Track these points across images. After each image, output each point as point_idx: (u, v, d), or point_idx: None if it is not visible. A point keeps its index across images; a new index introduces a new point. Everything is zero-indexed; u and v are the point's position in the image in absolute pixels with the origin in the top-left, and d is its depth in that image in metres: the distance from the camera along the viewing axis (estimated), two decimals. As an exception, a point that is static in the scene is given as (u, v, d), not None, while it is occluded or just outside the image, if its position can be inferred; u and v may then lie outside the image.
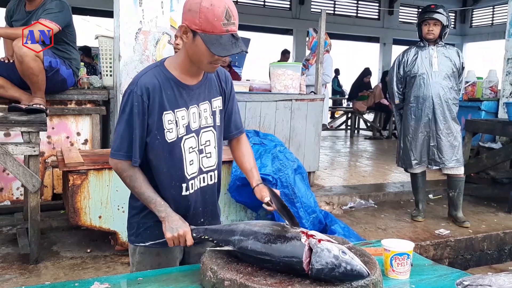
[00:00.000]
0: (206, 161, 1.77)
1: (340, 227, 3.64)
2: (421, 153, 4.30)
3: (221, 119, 1.83)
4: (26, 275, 3.05)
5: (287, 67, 5.17)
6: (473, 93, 6.96)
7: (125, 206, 3.29)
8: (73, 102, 4.25)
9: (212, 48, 1.54)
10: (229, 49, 1.55)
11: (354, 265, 1.36)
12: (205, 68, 1.68)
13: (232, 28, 1.56)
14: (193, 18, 1.55)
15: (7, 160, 3.04)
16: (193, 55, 1.63)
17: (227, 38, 1.55)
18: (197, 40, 1.57)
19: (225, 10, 1.53)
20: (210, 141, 1.77)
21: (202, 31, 1.55)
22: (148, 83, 1.64)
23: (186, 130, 1.70)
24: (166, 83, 1.67)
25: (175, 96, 1.68)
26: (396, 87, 4.39)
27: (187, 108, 1.70)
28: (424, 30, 4.20)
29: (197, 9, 1.53)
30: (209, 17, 1.52)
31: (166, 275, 1.65)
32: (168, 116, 1.67)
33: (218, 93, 1.81)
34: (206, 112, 1.75)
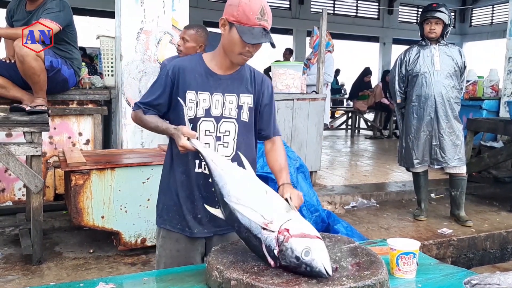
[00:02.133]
0: (222, 149, 1.88)
1: (343, 227, 3.64)
2: (423, 152, 4.30)
3: (250, 116, 1.92)
4: (29, 275, 3.04)
5: (289, 66, 5.17)
6: (474, 92, 6.96)
7: (128, 206, 3.31)
8: (75, 102, 4.25)
9: (244, 36, 1.73)
10: (258, 38, 1.75)
11: (314, 267, 1.41)
12: (235, 59, 1.83)
13: (265, 23, 1.76)
14: (232, 11, 1.76)
15: (10, 161, 3.03)
16: (227, 45, 1.81)
17: (258, 30, 1.75)
18: (232, 30, 1.77)
19: (261, 7, 1.74)
20: (229, 132, 1.89)
21: (238, 22, 1.75)
22: (179, 64, 1.89)
23: (205, 113, 1.86)
24: (197, 68, 1.88)
25: (201, 80, 1.86)
26: (398, 86, 4.38)
27: (210, 93, 1.86)
28: (426, 29, 4.20)
29: (237, 4, 1.74)
30: (246, 10, 1.73)
31: (172, 275, 1.65)
32: (190, 95, 1.85)
33: (249, 91, 1.92)
34: (231, 104, 1.88)
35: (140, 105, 1.93)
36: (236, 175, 1.67)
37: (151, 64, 4.17)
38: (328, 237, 1.80)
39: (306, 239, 1.45)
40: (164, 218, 1.98)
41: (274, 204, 1.60)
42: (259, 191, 1.63)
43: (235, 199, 1.59)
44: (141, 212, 3.35)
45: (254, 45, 1.79)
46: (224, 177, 1.65)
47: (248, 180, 1.67)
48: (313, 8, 14.95)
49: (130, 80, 4.14)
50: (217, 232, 1.95)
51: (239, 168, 1.73)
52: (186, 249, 1.94)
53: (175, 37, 4.08)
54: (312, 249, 1.42)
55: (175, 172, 1.93)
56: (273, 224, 1.50)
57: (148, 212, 3.37)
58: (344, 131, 12.07)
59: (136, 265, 3.27)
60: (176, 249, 1.96)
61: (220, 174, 1.66)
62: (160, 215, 2.00)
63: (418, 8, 16.45)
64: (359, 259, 1.57)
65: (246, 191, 1.61)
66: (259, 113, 1.97)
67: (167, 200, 1.97)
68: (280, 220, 1.51)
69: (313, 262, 1.41)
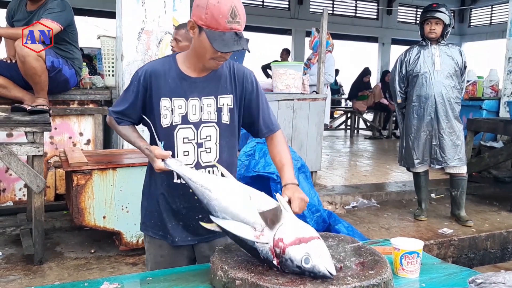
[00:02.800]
0: (205, 155, 1.78)
1: (344, 227, 3.64)
2: (423, 152, 4.30)
3: (231, 118, 1.81)
4: (30, 275, 3.04)
5: (289, 66, 5.17)
6: (474, 92, 6.97)
7: (129, 206, 3.31)
8: (76, 102, 4.25)
9: (215, 43, 1.59)
10: (230, 46, 1.60)
11: (316, 272, 1.37)
12: (208, 64, 1.71)
13: (237, 26, 1.60)
14: (200, 14, 1.60)
15: (12, 161, 3.03)
16: (197, 50, 1.68)
17: (230, 36, 1.60)
18: (202, 35, 1.62)
19: (231, 8, 1.58)
20: (211, 137, 1.78)
21: (207, 27, 1.60)
22: (151, 69, 1.76)
23: (182, 120, 1.75)
24: (171, 72, 1.75)
25: (175, 86, 1.74)
26: (399, 86, 4.38)
27: (186, 98, 1.74)
28: (426, 29, 4.20)
29: (204, 5, 1.59)
30: (215, 14, 1.57)
31: (176, 275, 1.65)
32: (164, 102, 1.74)
33: (229, 91, 1.79)
34: (210, 107, 1.76)
35: (112, 114, 1.83)
36: (217, 188, 1.59)
37: (167, 55, 4.16)
38: (332, 236, 1.80)
39: (302, 245, 1.40)
40: (146, 224, 1.91)
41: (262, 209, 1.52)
42: (243, 198, 1.55)
43: (221, 214, 1.54)
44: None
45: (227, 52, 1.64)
46: (206, 193, 1.58)
47: (229, 189, 1.59)
48: (312, 8, 14.96)
49: (131, 80, 4.14)
50: (202, 240, 1.87)
51: (218, 180, 1.66)
52: (170, 255, 1.88)
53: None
54: (311, 255, 1.38)
55: (156, 180, 1.85)
56: (264, 236, 1.44)
57: (150, 212, 3.37)
58: (343, 131, 12.08)
59: (137, 265, 3.27)
60: (159, 255, 1.90)
61: (202, 192, 1.59)
62: (143, 221, 1.93)
63: (417, 8, 16.47)
64: (363, 258, 1.56)
65: (230, 202, 1.53)
66: (246, 111, 1.84)
67: (149, 207, 1.89)
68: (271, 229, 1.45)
69: (315, 268, 1.37)
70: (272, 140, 1.89)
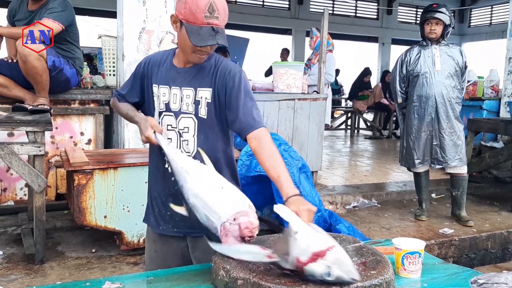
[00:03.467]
0: (185, 146, 1.81)
1: (345, 227, 3.64)
2: (424, 152, 4.30)
3: (209, 112, 1.77)
4: (31, 275, 3.04)
5: (290, 66, 5.17)
6: (474, 93, 6.98)
7: (130, 206, 3.31)
8: (77, 102, 4.25)
9: (191, 37, 1.63)
10: (205, 40, 1.63)
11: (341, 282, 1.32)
12: (190, 58, 1.75)
13: (214, 21, 1.63)
14: (180, 8, 1.66)
15: (13, 160, 3.03)
16: (180, 43, 1.75)
17: (206, 30, 1.63)
18: (182, 29, 1.67)
19: (209, 3, 1.61)
20: (188, 129, 1.79)
21: (186, 21, 1.64)
22: (152, 57, 1.89)
23: (165, 107, 1.81)
24: (165, 62, 1.84)
25: (163, 74, 1.82)
26: (399, 86, 4.39)
27: (169, 87, 1.80)
28: (426, 30, 4.20)
29: (184, 0, 1.63)
30: (193, 8, 1.61)
31: (178, 274, 1.65)
32: (154, 89, 1.84)
33: (209, 85, 1.77)
34: (188, 98, 1.78)
35: (115, 93, 1.98)
36: (194, 172, 1.61)
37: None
38: (333, 236, 1.80)
39: (320, 261, 1.34)
40: (147, 214, 1.99)
41: (230, 200, 1.54)
42: (215, 187, 1.56)
43: (192, 199, 1.55)
44: (143, 212, 3.32)
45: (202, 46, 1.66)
46: (183, 174, 1.61)
47: (205, 176, 1.61)
48: (312, 8, 14.95)
49: (132, 80, 4.14)
50: (188, 233, 1.85)
51: (197, 165, 1.66)
52: (162, 250, 1.91)
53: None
54: (331, 267, 1.33)
55: (150, 167, 1.93)
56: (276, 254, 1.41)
57: (151, 211, 3.37)
58: (344, 131, 12.08)
59: (138, 265, 3.27)
60: (153, 250, 1.95)
61: (180, 172, 1.62)
62: (145, 212, 2.01)
63: (417, 8, 16.47)
64: (365, 258, 1.56)
65: (202, 189, 1.55)
66: (227, 108, 1.76)
67: (148, 197, 1.97)
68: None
69: (338, 279, 1.33)
70: (256, 140, 1.69)
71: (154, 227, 1.91)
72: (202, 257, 1.79)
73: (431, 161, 4.32)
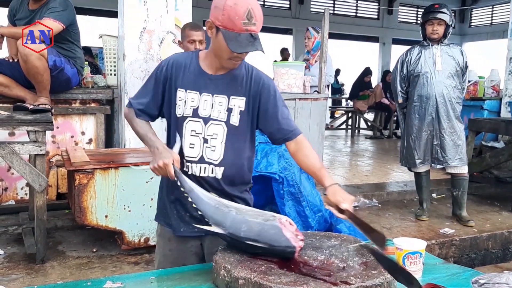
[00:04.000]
0: (209, 152, 1.80)
1: (346, 226, 3.63)
2: (424, 152, 4.31)
3: (241, 121, 1.80)
4: (32, 274, 3.05)
5: (291, 66, 5.17)
6: (475, 92, 6.98)
7: (131, 206, 3.32)
8: (78, 102, 4.25)
9: (230, 44, 1.62)
10: (245, 47, 1.63)
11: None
12: (225, 64, 1.74)
13: (252, 28, 1.63)
14: (217, 15, 1.64)
15: (14, 159, 3.03)
16: (215, 49, 1.73)
17: (245, 37, 1.63)
18: (219, 35, 1.67)
19: (247, 10, 1.61)
20: (217, 135, 1.79)
21: (223, 27, 1.64)
22: (175, 60, 1.84)
23: (192, 113, 1.79)
24: (190, 66, 1.81)
25: (192, 79, 1.80)
26: (400, 86, 4.39)
27: (199, 93, 1.79)
28: (429, 30, 4.20)
29: (222, 7, 1.62)
30: (231, 15, 1.61)
31: (179, 274, 1.65)
32: (180, 93, 1.80)
33: (242, 94, 1.80)
34: (221, 106, 1.78)
35: (135, 105, 1.85)
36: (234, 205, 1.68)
37: (154, 63, 4.16)
38: (335, 236, 1.81)
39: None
40: (158, 213, 1.98)
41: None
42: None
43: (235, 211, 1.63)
44: (144, 211, 3.35)
45: (241, 53, 1.68)
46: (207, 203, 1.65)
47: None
48: (313, 8, 14.94)
49: (133, 80, 4.14)
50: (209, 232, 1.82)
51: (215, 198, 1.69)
52: (178, 249, 1.91)
53: (178, 37, 4.08)
54: None
55: None
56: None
57: (152, 211, 3.34)
58: (344, 131, 12.08)
59: (139, 264, 3.28)
60: (168, 248, 1.94)
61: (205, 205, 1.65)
62: (157, 211, 2.00)
63: (418, 8, 16.45)
64: (366, 258, 1.57)
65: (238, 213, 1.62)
66: (262, 117, 1.82)
67: (162, 196, 1.96)
68: None
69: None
70: (297, 145, 1.83)
71: (176, 230, 1.89)
72: None
73: (432, 161, 4.32)
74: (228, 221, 1.59)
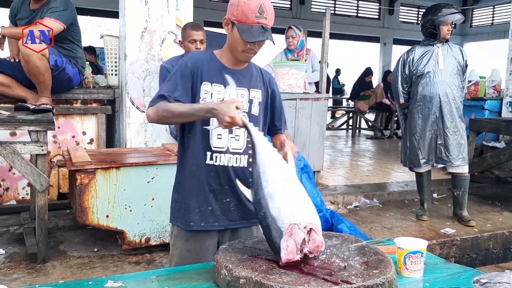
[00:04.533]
0: (234, 142, 1.91)
1: (347, 226, 3.64)
2: (428, 151, 4.30)
3: (260, 111, 1.96)
4: (34, 274, 3.05)
5: (292, 66, 5.17)
6: (476, 93, 6.97)
7: (132, 206, 3.32)
8: (79, 102, 4.26)
9: (243, 35, 1.78)
10: (256, 37, 1.79)
11: None
12: (240, 57, 1.88)
13: (263, 21, 1.79)
14: (232, 11, 1.81)
15: (15, 159, 3.04)
16: (231, 44, 1.87)
17: (257, 29, 1.79)
18: (234, 30, 1.82)
19: (259, 5, 1.78)
20: None
21: (238, 21, 1.80)
22: (195, 56, 1.95)
23: None
24: (211, 62, 1.92)
25: (215, 73, 1.90)
26: (401, 87, 4.37)
27: (224, 86, 1.89)
28: (444, 30, 4.18)
29: (236, 3, 1.80)
30: (244, 10, 1.78)
31: (180, 273, 1.65)
32: (205, 87, 1.88)
33: (258, 87, 1.97)
34: (243, 98, 1.91)
35: (164, 95, 1.84)
36: (280, 168, 1.67)
37: (155, 63, 4.18)
38: (336, 236, 1.81)
39: None
40: (175, 215, 2.00)
41: (308, 208, 1.59)
42: (297, 188, 1.64)
43: (272, 188, 1.59)
44: (145, 211, 3.36)
45: (256, 43, 1.83)
46: (268, 164, 1.65)
47: (290, 178, 1.67)
48: (313, 8, 14.94)
49: (134, 80, 4.15)
50: (229, 226, 1.95)
51: (283, 162, 1.72)
52: (196, 249, 1.94)
53: (179, 37, 4.09)
54: None
55: (185, 165, 1.93)
56: None
57: (153, 211, 3.38)
58: (345, 131, 12.08)
59: (140, 264, 3.28)
60: (186, 249, 1.97)
61: (264, 160, 1.66)
62: (172, 213, 2.01)
63: (418, 8, 16.45)
64: (367, 258, 1.57)
65: (288, 182, 1.63)
66: (271, 110, 2.02)
67: (178, 197, 1.98)
68: None
69: None
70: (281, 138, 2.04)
71: (197, 224, 1.92)
72: None
73: (436, 161, 4.32)
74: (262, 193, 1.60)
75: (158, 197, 3.37)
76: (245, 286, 1.40)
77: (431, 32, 4.25)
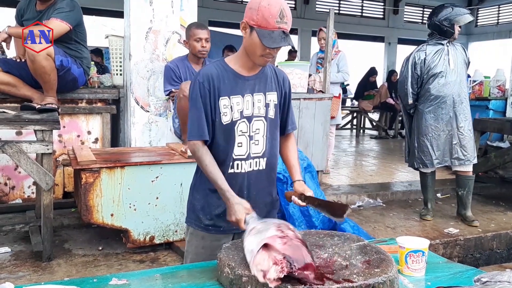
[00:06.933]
0: (254, 147, 1.94)
1: (350, 226, 3.65)
2: (443, 152, 4.27)
3: (276, 113, 1.98)
4: (39, 272, 3.08)
5: (295, 66, 5.18)
6: (481, 92, 6.96)
7: (137, 204, 3.34)
8: (84, 101, 4.29)
9: (264, 40, 1.76)
10: (278, 42, 1.77)
11: None
12: (257, 61, 1.87)
13: (284, 26, 1.78)
14: (252, 15, 1.78)
15: (21, 158, 3.07)
16: (249, 48, 1.85)
17: (278, 34, 1.77)
18: (253, 34, 1.80)
19: (280, 10, 1.76)
20: (259, 130, 1.94)
21: (258, 26, 1.77)
22: (208, 72, 1.90)
23: (240, 115, 1.91)
24: (224, 73, 1.90)
25: (231, 85, 1.90)
26: (411, 88, 4.30)
27: (242, 96, 1.90)
28: (457, 30, 4.20)
29: (256, 7, 1.77)
30: (265, 14, 1.75)
31: (183, 271, 1.67)
32: (223, 101, 1.88)
33: (274, 89, 1.98)
34: (260, 103, 1.94)
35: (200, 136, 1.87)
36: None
37: (160, 63, 4.20)
38: (338, 235, 1.82)
39: None
40: (191, 217, 2.04)
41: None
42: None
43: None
44: (150, 210, 3.38)
45: (275, 48, 1.81)
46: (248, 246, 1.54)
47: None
48: (318, 8, 14.93)
49: (139, 79, 4.18)
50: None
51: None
52: (211, 247, 1.96)
53: (184, 37, 4.11)
54: None
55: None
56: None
57: (157, 210, 3.40)
58: (349, 131, 12.07)
59: (144, 263, 3.30)
60: (201, 246, 2.02)
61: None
62: (189, 214, 2.06)
63: (423, 8, 16.42)
64: (369, 257, 1.58)
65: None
66: (284, 110, 2.04)
67: (196, 199, 2.01)
68: None
69: None
70: (287, 138, 2.11)
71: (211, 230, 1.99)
72: None
73: (451, 161, 4.29)
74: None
75: (162, 196, 3.39)
76: (248, 284, 1.42)
77: (447, 31, 4.18)
